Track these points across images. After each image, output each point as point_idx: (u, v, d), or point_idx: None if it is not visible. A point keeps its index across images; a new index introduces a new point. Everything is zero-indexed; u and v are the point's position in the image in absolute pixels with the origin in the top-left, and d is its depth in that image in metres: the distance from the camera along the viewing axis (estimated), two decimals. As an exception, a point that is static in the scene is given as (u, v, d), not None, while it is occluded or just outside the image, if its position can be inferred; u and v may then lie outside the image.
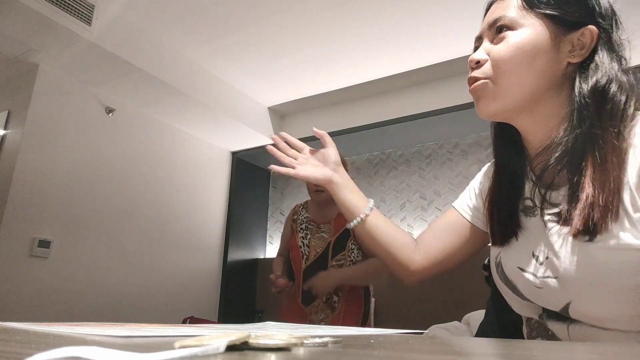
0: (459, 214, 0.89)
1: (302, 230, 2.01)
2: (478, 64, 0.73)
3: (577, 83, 0.68)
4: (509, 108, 0.72)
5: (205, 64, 3.43)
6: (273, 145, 1.01)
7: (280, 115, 4.24)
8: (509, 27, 0.71)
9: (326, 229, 1.96)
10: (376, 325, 3.53)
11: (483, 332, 0.99)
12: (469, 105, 3.32)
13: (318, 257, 1.91)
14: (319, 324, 1.81)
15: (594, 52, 0.68)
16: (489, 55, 0.72)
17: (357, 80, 3.63)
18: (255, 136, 4.00)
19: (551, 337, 0.70)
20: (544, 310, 0.70)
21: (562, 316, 0.67)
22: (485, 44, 0.74)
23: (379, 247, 0.91)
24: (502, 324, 0.93)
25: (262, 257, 4.43)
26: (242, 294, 4.19)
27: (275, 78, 3.61)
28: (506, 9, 0.72)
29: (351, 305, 1.91)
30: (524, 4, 0.71)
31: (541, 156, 0.71)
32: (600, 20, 0.69)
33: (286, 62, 3.37)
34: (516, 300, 0.75)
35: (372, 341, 0.48)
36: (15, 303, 2.62)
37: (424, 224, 3.79)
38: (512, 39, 0.70)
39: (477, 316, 2.76)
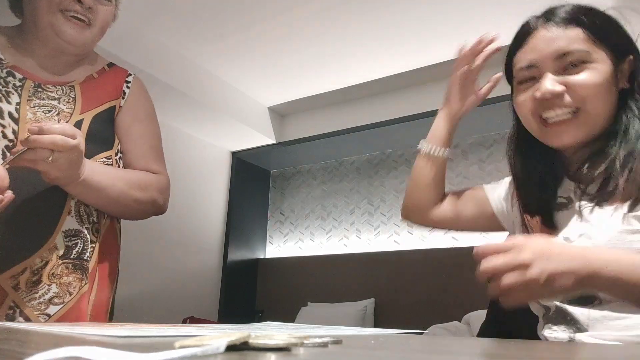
0: (488, 200, 0.94)
1: None
2: (558, 96, 0.75)
3: (631, 104, 0.76)
4: (592, 135, 0.76)
5: (205, 63, 3.43)
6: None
7: (280, 115, 4.24)
8: (584, 61, 0.74)
9: (63, 97, 0.97)
10: (376, 325, 3.53)
11: (484, 332, 0.99)
12: (469, 105, 3.32)
13: None
14: (47, 307, 0.87)
15: (632, 77, 0.77)
16: (567, 84, 0.75)
17: (357, 80, 3.63)
18: (255, 136, 4.00)
19: (570, 322, 0.74)
20: (564, 297, 0.75)
21: (584, 300, 0.72)
22: (554, 76, 0.76)
23: (428, 181, 0.94)
24: (504, 324, 0.94)
25: (262, 257, 4.43)
26: (242, 294, 4.19)
27: (275, 78, 3.61)
28: (572, 42, 0.75)
29: (105, 267, 1.00)
30: (592, 36, 0.74)
31: (583, 163, 0.77)
32: (636, 48, 0.78)
33: (286, 62, 3.37)
34: None
35: (372, 341, 0.48)
36: (15, 303, 2.61)
37: (424, 224, 3.79)
38: (594, 74, 0.74)
39: (477, 316, 2.76)
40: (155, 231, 3.47)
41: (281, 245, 4.45)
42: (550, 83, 0.75)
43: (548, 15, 0.78)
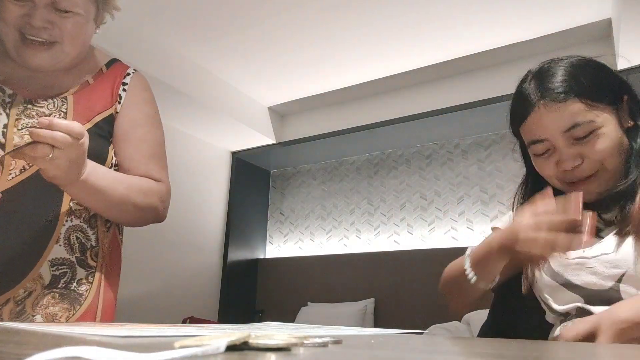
0: None
1: None
2: (577, 166, 0.80)
3: (633, 143, 0.81)
4: (615, 183, 0.81)
5: (205, 63, 3.43)
6: None
7: (280, 115, 4.24)
8: (592, 130, 0.78)
9: (54, 112, 0.92)
10: (376, 325, 3.53)
11: (484, 332, 0.99)
12: (469, 105, 3.32)
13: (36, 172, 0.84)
14: None
15: (632, 114, 0.83)
16: (582, 155, 0.79)
17: (357, 80, 3.63)
18: (255, 136, 4.00)
19: None
20: (586, 299, 0.78)
21: (606, 300, 0.75)
22: (569, 149, 0.80)
23: (475, 297, 0.86)
24: (505, 324, 0.94)
25: (262, 257, 4.44)
26: (242, 294, 4.19)
27: (275, 78, 3.61)
28: (575, 116, 0.78)
29: (109, 295, 0.96)
30: (590, 102, 0.78)
31: (602, 204, 0.82)
32: (627, 85, 0.84)
33: (286, 62, 3.37)
34: (561, 293, 0.81)
35: (372, 341, 0.48)
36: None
37: (424, 224, 3.79)
38: (604, 140, 0.78)
39: (477, 316, 2.76)
40: (155, 231, 3.47)
41: (281, 245, 4.45)
42: (569, 162, 0.79)
43: (543, 92, 0.80)
